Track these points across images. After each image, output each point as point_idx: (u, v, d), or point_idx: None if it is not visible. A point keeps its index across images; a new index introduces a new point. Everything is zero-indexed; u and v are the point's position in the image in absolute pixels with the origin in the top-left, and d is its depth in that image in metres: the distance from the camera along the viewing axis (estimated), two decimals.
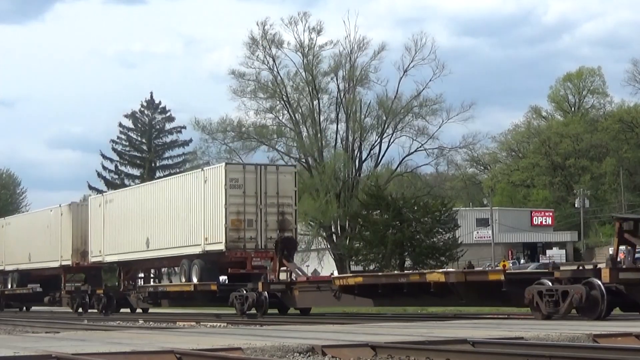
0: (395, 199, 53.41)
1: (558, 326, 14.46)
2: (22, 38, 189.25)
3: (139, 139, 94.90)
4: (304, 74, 64.85)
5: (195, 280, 33.04)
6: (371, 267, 51.22)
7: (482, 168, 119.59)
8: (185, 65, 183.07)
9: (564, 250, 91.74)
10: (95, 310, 38.58)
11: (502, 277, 20.40)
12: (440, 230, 52.82)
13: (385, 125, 65.59)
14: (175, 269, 39.74)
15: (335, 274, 48.19)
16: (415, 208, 52.91)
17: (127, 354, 10.32)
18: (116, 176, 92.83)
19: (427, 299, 24.26)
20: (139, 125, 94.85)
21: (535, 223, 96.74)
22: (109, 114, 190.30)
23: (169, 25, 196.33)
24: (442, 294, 22.51)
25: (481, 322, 17.96)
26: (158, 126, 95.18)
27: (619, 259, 19.98)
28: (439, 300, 24.00)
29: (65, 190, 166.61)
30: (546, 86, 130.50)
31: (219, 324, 23.51)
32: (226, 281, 33.65)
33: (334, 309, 31.41)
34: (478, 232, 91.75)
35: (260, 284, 28.66)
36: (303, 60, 64.57)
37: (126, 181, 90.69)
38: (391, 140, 66.21)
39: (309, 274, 38.99)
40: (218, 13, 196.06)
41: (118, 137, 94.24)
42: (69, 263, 43.71)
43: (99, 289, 39.63)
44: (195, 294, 33.06)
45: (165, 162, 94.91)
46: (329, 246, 64.11)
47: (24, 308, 50.08)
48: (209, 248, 32.82)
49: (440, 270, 25.92)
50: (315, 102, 65.02)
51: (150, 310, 39.47)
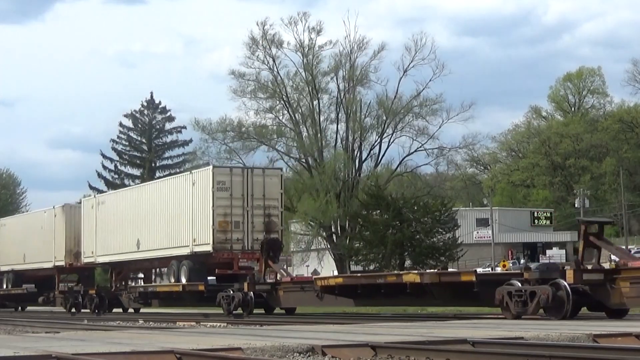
0: (395, 199, 53.40)
1: (558, 326, 14.46)
2: (22, 38, 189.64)
3: (139, 138, 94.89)
4: (304, 74, 64.77)
5: (183, 280, 33.65)
6: (371, 267, 51.18)
7: (482, 168, 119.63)
8: (185, 65, 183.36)
9: (564, 250, 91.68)
10: (88, 310, 38.95)
11: (474, 278, 21.13)
12: (440, 230, 52.82)
13: (385, 125, 65.50)
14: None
15: (335, 274, 48.20)
16: (415, 208, 52.92)
17: (127, 354, 10.32)
18: (116, 176, 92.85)
19: (404, 299, 24.99)
20: (139, 125, 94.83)
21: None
22: (109, 114, 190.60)
23: (169, 25, 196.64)
24: (418, 294, 23.29)
25: (481, 322, 17.96)
26: (158, 126, 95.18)
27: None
28: (415, 300, 24.83)
29: (66, 190, 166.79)
30: (546, 86, 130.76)
31: (218, 324, 23.50)
32: (215, 282, 33.98)
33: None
34: (478, 232, 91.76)
35: (245, 285, 29.21)
36: (303, 60, 64.49)
37: (126, 181, 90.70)
38: (391, 140, 66.11)
39: (309, 274, 39.11)
40: (218, 13, 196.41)
41: (118, 137, 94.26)
42: (63, 264, 44.20)
43: (92, 289, 40.11)
44: (184, 294, 33.60)
45: (165, 162, 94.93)
46: (329, 246, 64.00)
47: (19, 308, 50.37)
48: (197, 249, 33.44)
49: (415, 271, 26.69)
50: (315, 102, 64.93)
51: (141, 310, 39.73)
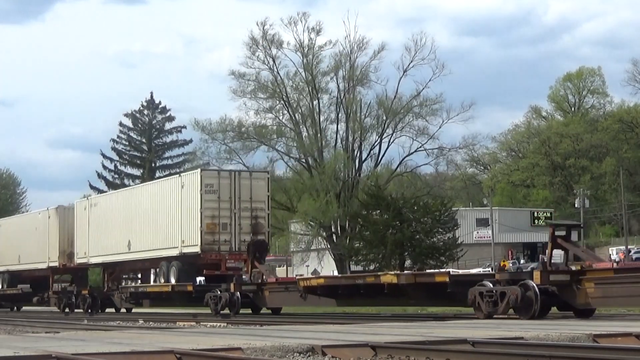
0: (395, 199, 53.42)
1: (558, 326, 14.46)
2: (22, 38, 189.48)
3: (139, 138, 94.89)
4: (303, 73, 64.78)
5: (173, 281, 34.24)
6: (371, 267, 51.20)
7: (482, 168, 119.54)
8: (185, 65, 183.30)
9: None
10: (81, 310, 39.44)
11: (447, 279, 21.79)
12: (440, 230, 52.85)
13: (385, 125, 65.52)
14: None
15: (335, 274, 48.23)
16: (415, 208, 52.94)
17: (127, 354, 10.33)
18: (116, 176, 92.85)
19: (382, 299, 25.63)
20: (139, 125, 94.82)
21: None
22: (109, 114, 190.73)
23: (169, 25, 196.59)
24: (395, 295, 24.08)
25: (481, 322, 17.96)
26: (158, 126, 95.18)
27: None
28: (392, 300, 25.50)
29: (66, 190, 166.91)
30: (546, 86, 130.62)
31: (218, 324, 23.51)
32: (204, 282, 34.43)
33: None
34: (478, 232, 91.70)
35: (232, 285, 29.68)
36: (303, 60, 64.50)
37: (126, 181, 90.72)
38: (391, 140, 66.17)
39: (309, 274, 39.32)
40: (218, 13, 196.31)
41: (118, 137, 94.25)
42: (56, 264, 44.76)
43: (85, 290, 40.67)
44: (173, 294, 34.17)
45: (165, 162, 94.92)
46: (329, 246, 64.01)
47: (15, 308, 50.70)
48: (185, 250, 34.02)
49: (393, 272, 27.27)
50: (315, 102, 64.95)
51: (133, 310, 40.24)
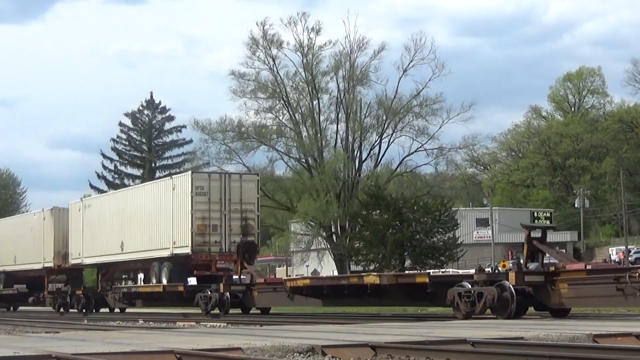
0: (395, 199, 53.41)
1: (558, 326, 14.46)
2: (22, 38, 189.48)
3: (139, 138, 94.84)
4: (303, 73, 64.79)
5: (164, 281, 34.74)
6: (371, 267, 51.19)
7: (482, 168, 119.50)
8: (185, 65, 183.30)
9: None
10: (76, 310, 39.87)
11: (427, 280, 22.35)
12: (440, 230, 52.84)
13: (385, 125, 65.54)
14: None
15: (335, 274, 48.24)
16: (415, 208, 52.93)
17: (127, 354, 10.32)
18: (116, 176, 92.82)
19: (366, 299, 26.12)
20: (139, 125, 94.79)
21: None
22: (109, 114, 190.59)
23: (169, 25, 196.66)
24: (378, 295, 24.57)
25: (481, 322, 17.97)
26: (158, 126, 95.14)
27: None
28: (375, 300, 25.90)
29: (66, 190, 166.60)
30: (546, 86, 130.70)
31: (218, 324, 23.52)
32: (195, 282, 34.62)
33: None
34: (478, 232, 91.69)
35: (222, 285, 30.09)
36: (303, 60, 64.50)
37: (126, 181, 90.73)
38: (391, 140, 66.18)
39: (309, 274, 39.46)
40: (218, 13, 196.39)
41: (118, 137, 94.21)
42: (51, 265, 45.21)
43: (79, 290, 41.14)
44: (164, 294, 34.70)
45: (165, 162, 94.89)
46: (329, 246, 64.01)
47: (11, 308, 50.91)
48: (177, 251, 34.51)
49: (375, 273, 27.83)
50: (315, 102, 64.97)
51: (127, 310, 40.61)
